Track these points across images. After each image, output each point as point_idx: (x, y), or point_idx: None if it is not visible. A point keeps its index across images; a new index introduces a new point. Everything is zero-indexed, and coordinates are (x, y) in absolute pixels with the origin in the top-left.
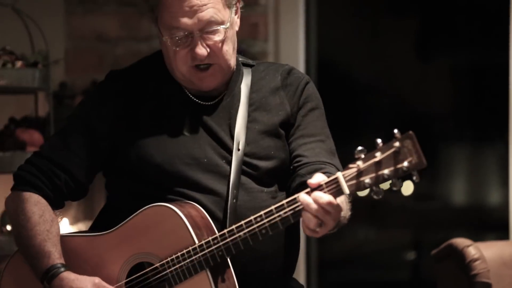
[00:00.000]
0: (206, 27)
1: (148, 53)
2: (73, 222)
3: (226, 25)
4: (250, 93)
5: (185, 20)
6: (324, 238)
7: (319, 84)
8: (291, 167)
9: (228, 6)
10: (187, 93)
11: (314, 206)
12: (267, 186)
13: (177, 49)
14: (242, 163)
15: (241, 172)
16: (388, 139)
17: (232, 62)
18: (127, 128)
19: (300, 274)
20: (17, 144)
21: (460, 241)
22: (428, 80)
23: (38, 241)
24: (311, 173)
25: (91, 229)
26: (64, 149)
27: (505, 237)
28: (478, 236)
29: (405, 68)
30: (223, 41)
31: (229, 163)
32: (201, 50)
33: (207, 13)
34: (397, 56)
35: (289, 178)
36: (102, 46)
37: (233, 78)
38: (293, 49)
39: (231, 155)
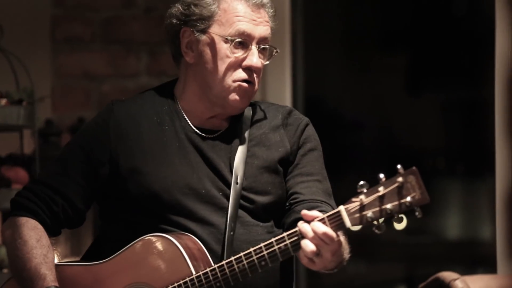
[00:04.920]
0: (263, 43)
1: (135, 90)
2: (60, 258)
3: (275, 50)
4: (251, 129)
5: (250, 27)
6: (313, 272)
7: None
8: (287, 204)
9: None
10: (190, 124)
11: (311, 233)
12: (263, 221)
13: (232, 55)
14: (240, 196)
15: (238, 205)
16: (389, 174)
17: None
18: (126, 154)
19: None
20: (2, 182)
21: (447, 275)
22: (418, 116)
23: (34, 264)
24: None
25: (84, 258)
26: (62, 175)
27: (494, 271)
28: (469, 270)
29: (395, 104)
30: (263, 67)
31: (226, 196)
32: (258, 61)
33: (267, 30)
34: (387, 92)
35: (284, 214)
36: (89, 83)
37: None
38: (280, 85)
39: (229, 188)
